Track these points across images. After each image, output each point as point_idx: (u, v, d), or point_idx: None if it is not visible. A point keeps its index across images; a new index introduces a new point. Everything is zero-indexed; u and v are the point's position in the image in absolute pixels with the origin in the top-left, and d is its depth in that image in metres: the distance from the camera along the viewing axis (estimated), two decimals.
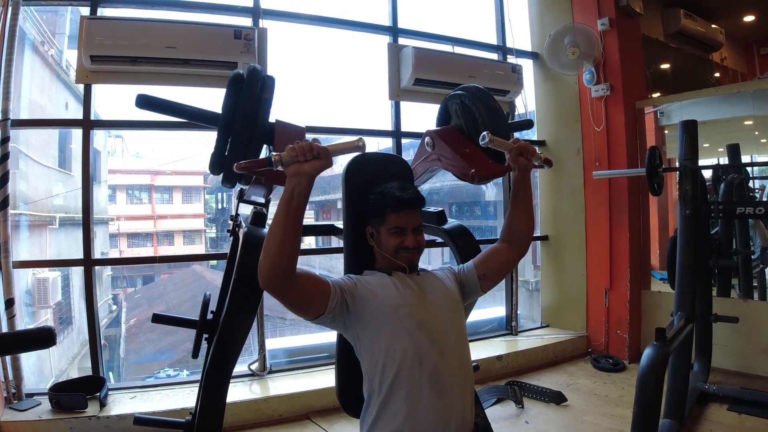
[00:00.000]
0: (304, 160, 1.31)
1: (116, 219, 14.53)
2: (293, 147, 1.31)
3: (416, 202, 1.70)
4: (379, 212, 1.69)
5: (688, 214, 2.80)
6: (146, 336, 9.40)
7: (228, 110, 1.82)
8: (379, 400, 1.53)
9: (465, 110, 2.13)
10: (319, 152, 1.32)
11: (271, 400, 3.14)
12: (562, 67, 4.43)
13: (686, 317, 2.66)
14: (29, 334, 1.32)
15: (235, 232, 2.18)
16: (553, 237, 4.79)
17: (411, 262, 1.68)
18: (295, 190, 1.33)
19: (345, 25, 4.01)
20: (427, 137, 2.25)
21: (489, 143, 1.64)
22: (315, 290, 1.49)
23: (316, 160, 1.32)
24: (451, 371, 1.54)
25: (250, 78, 1.82)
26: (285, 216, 1.34)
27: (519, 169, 1.71)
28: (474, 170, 1.96)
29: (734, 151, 4.09)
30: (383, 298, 1.57)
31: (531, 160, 1.71)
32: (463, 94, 2.13)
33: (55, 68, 5.99)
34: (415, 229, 1.68)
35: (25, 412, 2.80)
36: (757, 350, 3.62)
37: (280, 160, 1.29)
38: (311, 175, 1.34)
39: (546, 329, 4.67)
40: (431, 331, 1.55)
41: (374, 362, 1.54)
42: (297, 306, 1.47)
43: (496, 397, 3.41)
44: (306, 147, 1.31)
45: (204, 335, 2.06)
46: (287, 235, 1.34)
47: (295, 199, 1.34)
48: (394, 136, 4.08)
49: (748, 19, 5.92)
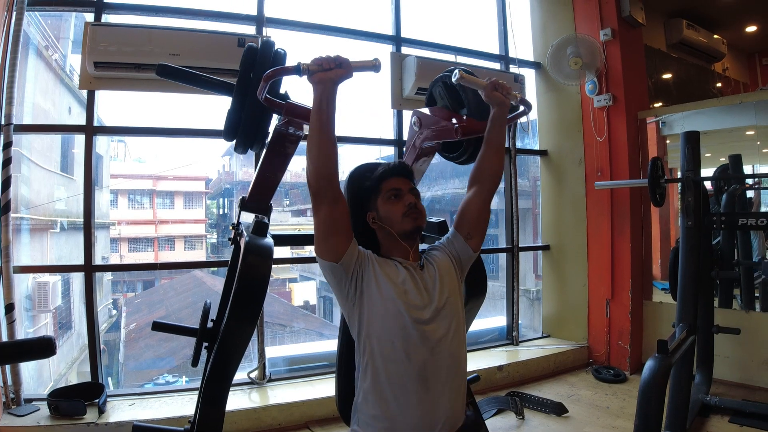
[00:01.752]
0: (328, 68, 1.45)
1: (117, 224, 14.54)
2: (317, 58, 1.46)
3: (404, 167, 1.78)
4: (373, 190, 1.74)
5: (691, 225, 2.80)
6: (146, 341, 9.36)
7: (243, 79, 1.85)
8: (365, 386, 1.57)
9: (448, 90, 2.13)
10: (341, 62, 1.46)
11: (270, 409, 3.13)
12: (564, 77, 4.44)
13: (688, 329, 2.65)
14: (29, 344, 1.32)
15: (237, 240, 2.18)
16: (554, 247, 4.78)
17: (417, 224, 1.69)
18: (323, 96, 1.46)
19: (348, 34, 4.02)
20: (414, 117, 2.26)
21: (461, 80, 1.66)
22: (344, 223, 1.56)
23: (338, 68, 1.46)
24: (441, 367, 1.56)
25: (264, 48, 1.89)
26: (318, 121, 1.47)
27: (495, 105, 1.74)
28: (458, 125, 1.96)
29: (736, 161, 4.09)
30: (388, 286, 1.59)
31: (507, 96, 1.73)
32: (446, 75, 2.13)
33: (59, 73, 6.02)
34: (411, 190, 1.72)
35: (23, 417, 2.79)
36: (759, 362, 3.60)
37: (308, 68, 1.45)
38: (335, 82, 1.48)
39: (547, 339, 4.66)
40: (425, 328, 1.56)
41: (365, 347, 1.58)
42: (326, 221, 1.53)
43: (496, 407, 3.39)
44: (329, 58, 1.46)
45: (204, 344, 2.05)
46: (323, 136, 1.47)
47: (325, 103, 1.47)
48: (395, 144, 4.09)
49: (750, 30, 5.93)
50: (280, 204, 13.43)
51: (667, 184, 2.98)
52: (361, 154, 8.62)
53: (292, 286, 14.48)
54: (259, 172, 1.99)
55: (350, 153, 6.33)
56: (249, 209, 2.05)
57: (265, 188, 2.01)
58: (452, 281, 1.69)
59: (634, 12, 4.28)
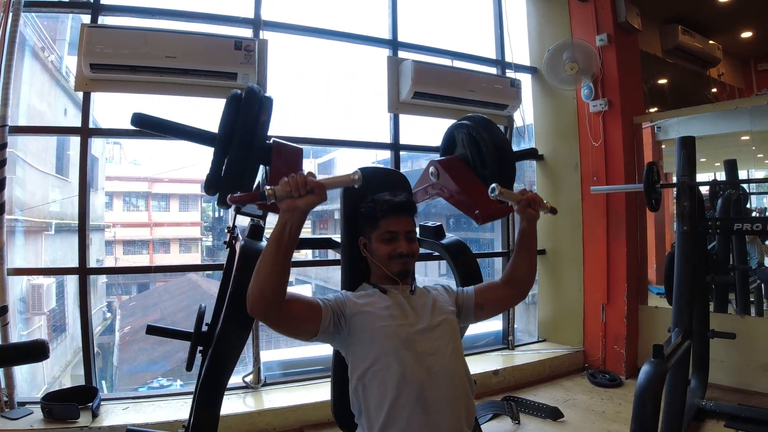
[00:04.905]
0: (298, 195, 1.29)
1: (113, 226, 14.51)
2: (287, 181, 1.28)
3: (407, 206, 1.71)
4: (370, 220, 1.70)
5: (686, 230, 2.80)
6: (140, 345, 9.32)
7: (225, 130, 1.81)
8: (364, 419, 1.54)
9: (471, 140, 2.14)
10: (314, 187, 1.30)
11: (265, 414, 3.11)
12: (560, 82, 4.45)
13: (684, 333, 2.65)
14: (22, 348, 1.31)
15: (232, 244, 2.17)
16: (550, 251, 4.78)
17: (404, 268, 1.67)
18: (287, 225, 1.32)
19: (345, 38, 4.03)
20: (432, 167, 2.25)
21: (498, 196, 1.64)
22: (306, 313, 1.50)
23: (310, 195, 1.30)
24: (440, 388, 1.52)
25: (248, 98, 1.82)
26: (276, 249, 1.33)
27: (526, 220, 1.72)
28: (478, 211, 1.97)
29: (731, 166, 4.10)
30: (372, 316, 1.57)
31: (538, 210, 1.71)
32: (470, 125, 2.13)
33: (55, 74, 6.01)
34: (407, 233, 1.68)
35: (17, 420, 2.76)
36: (755, 366, 3.61)
37: (274, 195, 1.27)
38: (304, 211, 1.33)
39: (543, 344, 4.65)
40: (418, 350, 1.54)
41: (360, 381, 1.54)
42: (288, 329, 1.48)
43: (492, 412, 3.38)
44: (300, 181, 1.28)
45: (199, 348, 2.04)
46: (275, 268, 1.33)
47: (287, 233, 1.32)
48: (392, 148, 4.08)
49: (745, 35, 5.96)
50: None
51: (662, 189, 2.99)
52: (357, 158, 8.63)
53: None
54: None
55: (346, 157, 6.32)
56: (245, 213, 2.04)
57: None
58: (450, 313, 1.69)
59: (630, 18, 4.30)
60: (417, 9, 4.84)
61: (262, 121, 1.84)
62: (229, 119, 1.81)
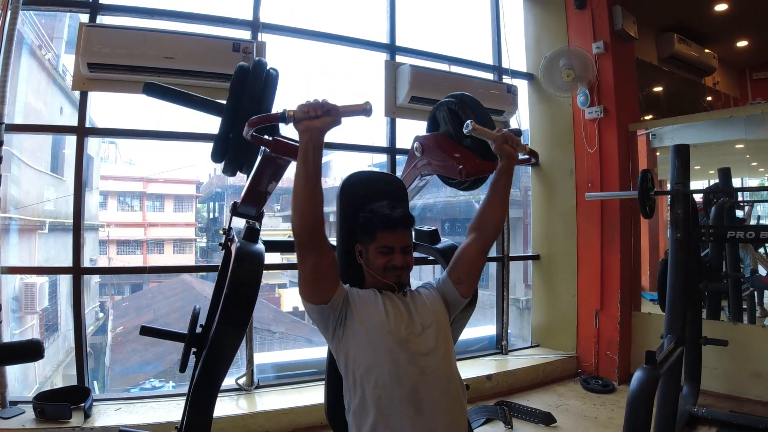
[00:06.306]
0: (315, 116, 1.41)
1: (107, 225, 14.45)
2: (304, 104, 1.41)
3: (405, 221, 1.72)
4: (368, 231, 1.71)
5: (680, 238, 2.81)
6: (132, 345, 9.27)
7: (234, 96, 1.84)
8: (357, 417, 1.55)
9: (452, 116, 2.15)
10: (329, 109, 1.42)
11: (258, 416, 3.10)
12: (556, 89, 4.47)
13: (676, 340, 2.66)
14: (17, 347, 1.31)
15: (228, 245, 2.17)
16: (544, 257, 4.80)
17: (399, 280, 1.69)
18: (309, 144, 1.43)
19: (343, 42, 4.04)
20: (416, 142, 2.26)
21: (472, 131, 1.66)
22: (333, 272, 1.56)
23: (326, 116, 1.42)
24: (434, 388, 1.54)
25: (256, 68, 1.87)
26: (304, 169, 1.44)
27: (504, 158, 1.73)
28: (462, 166, 1.97)
29: (725, 174, 4.13)
30: (368, 315, 1.59)
31: (516, 148, 1.73)
32: (451, 101, 2.15)
33: (52, 72, 6.00)
34: (403, 248, 1.69)
35: (8, 420, 2.75)
36: (747, 373, 3.63)
37: (293, 116, 1.40)
38: (322, 130, 1.44)
39: (536, 349, 4.66)
40: (412, 350, 1.56)
41: (354, 379, 1.56)
42: (315, 273, 1.51)
43: (485, 417, 3.39)
44: (317, 104, 1.41)
45: (192, 349, 2.04)
46: (308, 188, 1.44)
47: (311, 152, 1.43)
48: (388, 152, 4.09)
49: (741, 45, 6.01)
50: (271, 209, 13.40)
51: (656, 196, 3.00)
52: (353, 162, 8.64)
53: (281, 291, 14.42)
54: (252, 181, 1.98)
55: (343, 160, 6.31)
56: (240, 214, 2.04)
57: (258, 195, 2.01)
58: (441, 312, 1.70)
59: (627, 26, 4.33)
60: (415, 14, 4.86)
61: (269, 88, 1.87)
62: (237, 90, 1.84)
